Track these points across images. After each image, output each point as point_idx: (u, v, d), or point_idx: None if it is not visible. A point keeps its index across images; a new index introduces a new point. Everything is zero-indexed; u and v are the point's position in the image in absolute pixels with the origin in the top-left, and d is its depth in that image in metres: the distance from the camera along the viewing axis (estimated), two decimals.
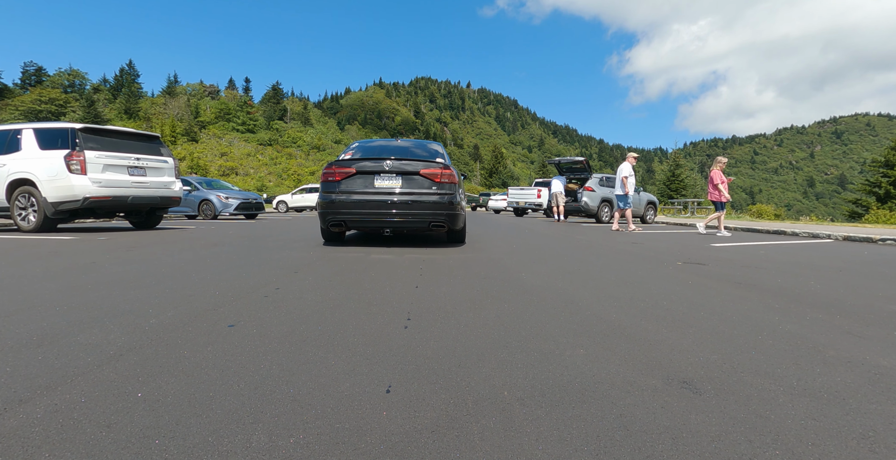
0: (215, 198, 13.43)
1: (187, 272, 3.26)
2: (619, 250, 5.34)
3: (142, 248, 4.92)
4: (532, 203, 20.33)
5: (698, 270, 3.71)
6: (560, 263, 4.04)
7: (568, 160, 14.84)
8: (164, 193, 8.25)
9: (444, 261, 4.11)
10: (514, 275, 3.35)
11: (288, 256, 4.29)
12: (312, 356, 1.51)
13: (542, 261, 4.14)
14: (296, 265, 3.70)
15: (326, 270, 3.44)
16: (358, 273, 3.34)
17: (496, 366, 1.45)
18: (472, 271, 3.49)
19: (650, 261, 4.36)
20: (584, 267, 3.84)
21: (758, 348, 1.67)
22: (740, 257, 4.81)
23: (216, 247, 5.16)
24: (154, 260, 3.94)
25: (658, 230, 10.51)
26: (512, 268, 3.64)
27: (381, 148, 6.00)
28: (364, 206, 5.10)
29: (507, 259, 4.28)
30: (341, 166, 5.24)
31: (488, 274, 3.37)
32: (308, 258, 4.17)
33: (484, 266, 3.78)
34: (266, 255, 4.36)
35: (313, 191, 25.53)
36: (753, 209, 21.04)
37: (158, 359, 1.45)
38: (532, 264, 3.94)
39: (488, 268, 3.63)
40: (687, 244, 6.48)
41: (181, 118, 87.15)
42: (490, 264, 3.89)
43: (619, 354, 1.58)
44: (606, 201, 14.20)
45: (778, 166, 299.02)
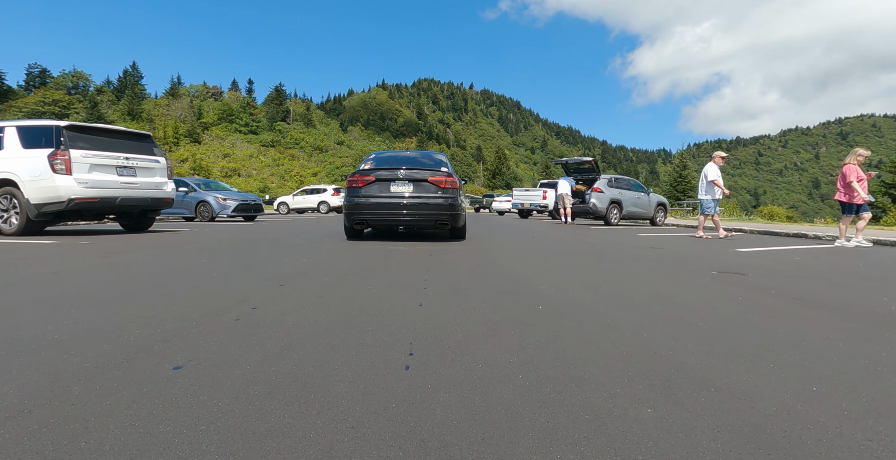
0: (212, 200, 13.05)
1: (157, 285, 2.85)
2: (640, 256, 4.89)
3: (120, 254, 4.51)
4: (537, 204, 19.87)
5: (741, 282, 3.27)
6: (581, 273, 3.61)
7: (575, 160, 14.39)
8: (156, 194, 7.86)
9: (451, 273, 3.68)
10: (532, 287, 2.92)
11: (278, 264, 3.87)
12: (275, 423, 1.08)
13: (558, 269, 3.70)
14: (284, 275, 3.28)
15: (317, 283, 3.02)
16: (349, 288, 2.92)
17: (535, 441, 1.01)
18: (486, 284, 3.06)
19: (679, 269, 3.91)
20: (608, 277, 3.40)
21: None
22: (777, 265, 4.35)
23: (202, 252, 4.75)
24: (127, 269, 3.53)
25: (679, 233, 10.03)
26: (528, 279, 3.21)
27: (395, 158, 6.94)
28: (382, 208, 6.12)
29: (521, 267, 3.85)
30: (363, 175, 6.29)
31: (503, 286, 2.94)
32: (300, 267, 3.74)
33: (497, 276, 3.35)
34: (253, 262, 3.95)
35: (315, 193, 25.14)
36: (764, 210, 20.48)
37: (48, 432, 1.02)
38: (548, 273, 3.51)
39: (502, 280, 3.20)
40: (708, 248, 6.02)
41: (184, 119, 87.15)
42: (504, 275, 3.46)
43: (703, 416, 1.14)
44: (615, 203, 13.74)
45: (783, 167, 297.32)
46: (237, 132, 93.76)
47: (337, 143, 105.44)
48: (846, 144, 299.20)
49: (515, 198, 20.60)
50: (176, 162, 74.43)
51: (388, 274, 3.40)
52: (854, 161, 7.49)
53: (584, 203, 13.88)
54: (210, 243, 5.88)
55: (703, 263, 4.37)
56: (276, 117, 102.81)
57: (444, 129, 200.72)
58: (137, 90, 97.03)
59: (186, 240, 6.31)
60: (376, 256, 4.50)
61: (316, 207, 24.81)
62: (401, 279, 3.17)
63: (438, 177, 6.27)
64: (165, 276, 3.17)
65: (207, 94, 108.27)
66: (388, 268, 3.67)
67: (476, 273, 3.50)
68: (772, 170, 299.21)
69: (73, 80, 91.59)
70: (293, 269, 3.56)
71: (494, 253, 5.02)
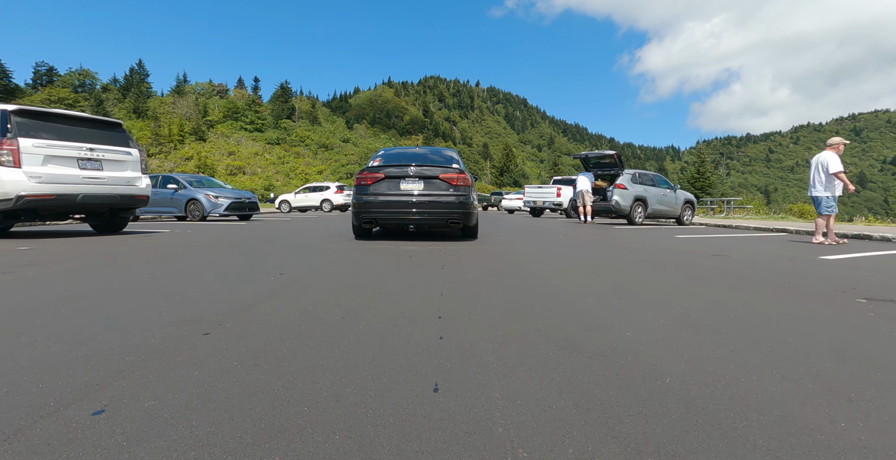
0: (203, 198, 12.09)
1: (70, 316, 1.83)
2: (714, 269, 3.80)
3: (60, 264, 3.52)
4: (551, 202, 18.72)
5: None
6: (642, 293, 2.55)
7: (596, 154, 13.25)
8: (127, 191, 6.88)
9: (470, 292, 2.63)
10: (608, 333, 1.86)
11: (242, 286, 2.84)
12: None
13: (624, 294, 2.64)
14: (246, 302, 2.25)
15: (283, 312, 1.99)
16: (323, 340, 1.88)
17: None
18: (532, 326, 2.00)
19: (795, 292, 2.83)
20: (710, 310, 2.33)
21: None
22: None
23: (152, 264, 3.73)
24: (51, 286, 2.53)
25: (723, 234, 8.87)
26: (592, 315, 2.16)
27: (404, 155, 6.73)
28: (391, 206, 5.85)
29: (569, 287, 2.79)
30: (372, 172, 6.02)
31: (566, 335, 1.89)
32: (268, 288, 2.71)
33: (543, 306, 2.30)
34: (213, 281, 2.92)
35: (317, 190, 24.20)
36: (794, 208, 19.11)
37: None
38: (613, 300, 2.45)
39: (555, 315, 2.14)
40: (794, 257, 4.89)
41: (189, 117, 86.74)
42: (553, 303, 2.41)
43: None
44: (640, 200, 12.60)
45: (794, 164, 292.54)
46: (242, 130, 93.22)
47: (342, 141, 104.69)
48: (860, 141, 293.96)
49: (528, 196, 19.47)
50: (181, 160, 74.04)
51: (398, 302, 2.36)
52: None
53: (605, 200, 12.75)
54: (175, 250, 4.88)
55: (818, 282, 3.27)
56: (282, 115, 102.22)
57: (450, 127, 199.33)
58: (143, 88, 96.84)
59: (152, 245, 5.31)
60: (385, 267, 3.46)
61: (319, 205, 23.88)
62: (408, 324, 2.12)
63: (450, 174, 5.98)
64: (86, 302, 2.16)
65: (213, 91, 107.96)
66: (400, 291, 2.63)
67: (514, 302, 2.45)
68: (783, 167, 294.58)
69: (80, 79, 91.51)
70: (259, 293, 2.53)
71: (524, 262, 3.96)
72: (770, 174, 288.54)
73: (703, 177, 28.91)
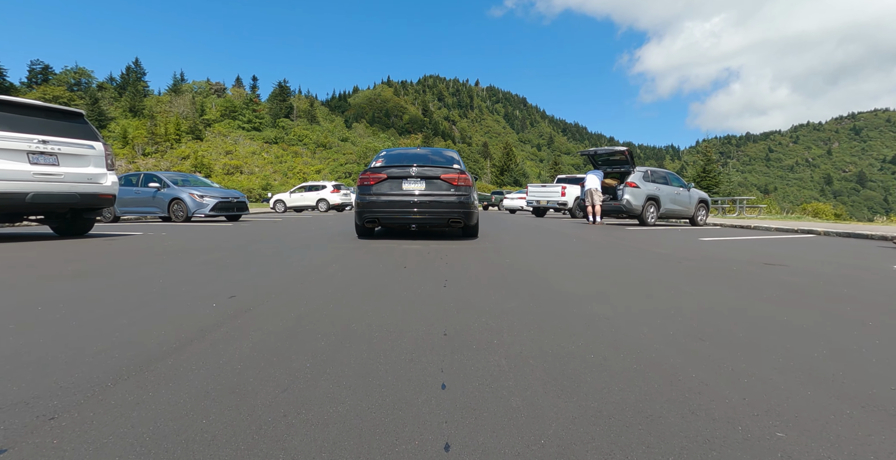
0: (187, 197, 11.32)
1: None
2: (774, 281, 3.04)
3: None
4: (556, 202, 17.95)
5: None
6: (731, 330, 1.79)
7: (606, 151, 12.47)
8: (88, 189, 6.12)
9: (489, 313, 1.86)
10: (693, 400, 1.10)
11: (161, 321, 2.08)
12: None
13: (671, 318, 1.88)
14: (149, 354, 1.49)
15: (199, 374, 1.22)
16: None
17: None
18: (583, 394, 1.24)
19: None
20: (817, 349, 1.57)
21: None
22: None
23: (89, 279, 2.97)
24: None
25: (747, 236, 8.08)
26: (655, 362, 1.40)
27: (406, 155, 6.72)
28: (394, 206, 5.90)
29: (600, 306, 2.03)
30: (375, 172, 6.06)
31: (631, 403, 1.12)
32: (198, 325, 1.95)
33: (601, 362, 1.54)
34: (121, 313, 2.16)
35: (313, 190, 23.41)
36: (809, 208, 18.32)
37: None
38: (657, 323, 1.69)
39: (610, 370, 1.39)
40: (844, 262, 4.13)
41: (186, 116, 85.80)
42: (600, 343, 1.65)
43: None
44: (652, 199, 11.84)
45: (794, 163, 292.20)
46: (240, 129, 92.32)
47: (341, 140, 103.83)
48: (859, 140, 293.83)
49: (531, 195, 18.68)
50: (177, 159, 73.10)
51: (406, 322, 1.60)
52: None
53: (615, 200, 12.00)
54: (123, 259, 4.11)
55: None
56: (280, 114, 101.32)
57: (449, 126, 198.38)
58: (140, 87, 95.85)
59: (101, 253, 4.54)
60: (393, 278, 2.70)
61: (315, 205, 23.10)
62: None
63: (451, 174, 6.05)
64: None
65: (210, 90, 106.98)
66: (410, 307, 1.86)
67: (551, 351, 1.68)
68: (782, 166, 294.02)
69: (76, 77, 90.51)
70: (170, 338, 1.76)
71: (544, 274, 3.20)
72: (770, 173, 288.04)
73: (710, 175, 28.10)
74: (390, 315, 2.07)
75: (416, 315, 2.07)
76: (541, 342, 1.70)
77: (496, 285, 2.84)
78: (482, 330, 1.84)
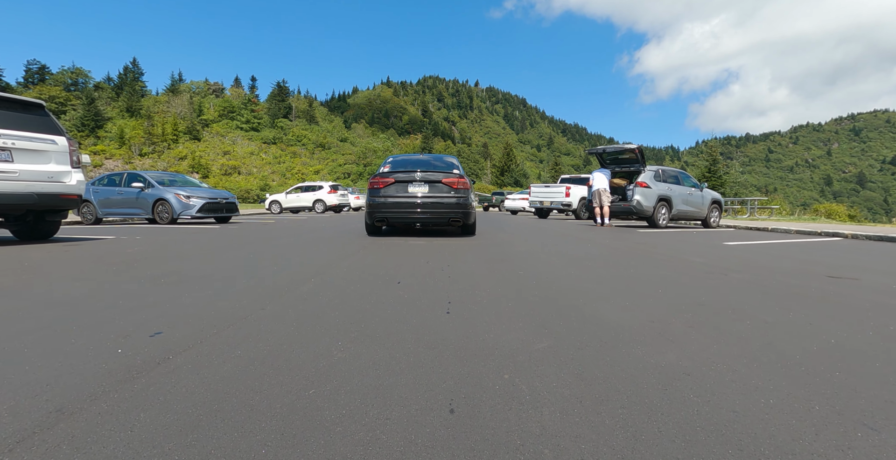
0: (173, 198, 10.68)
1: None
2: (872, 304, 2.41)
3: None
4: (559, 203, 17.31)
5: None
6: (871, 387, 1.16)
7: (615, 149, 11.84)
8: (47, 188, 5.48)
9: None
10: None
11: (63, 366, 1.44)
12: None
13: (758, 362, 1.26)
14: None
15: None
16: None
17: None
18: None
19: None
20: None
21: None
22: None
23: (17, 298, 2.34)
24: None
25: (772, 239, 7.44)
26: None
27: (410, 161, 7.40)
28: (401, 207, 6.55)
29: (677, 357, 1.41)
30: (383, 177, 6.70)
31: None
32: (114, 374, 1.31)
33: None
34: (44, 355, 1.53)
35: (310, 190, 22.73)
36: (821, 209, 17.67)
37: None
38: (783, 394, 1.07)
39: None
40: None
41: (184, 116, 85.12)
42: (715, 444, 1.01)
43: None
44: (664, 200, 11.22)
45: (794, 164, 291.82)
46: (238, 129, 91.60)
47: (340, 140, 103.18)
48: (859, 140, 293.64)
49: (534, 196, 18.04)
50: (174, 159, 72.37)
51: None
52: None
53: (624, 200, 11.38)
54: (54, 271, 3.47)
55: None
56: (279, 114, 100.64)
57: (449, 127, 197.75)
58: (137, 87, 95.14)
59: (45, 261, 3.90)
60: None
61: (311, 206, 22.44)
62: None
63: (451, 178, 6.69)
64: None
65: (209, 90, 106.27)
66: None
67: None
68: (782, 166, 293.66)
69: (73, 77, 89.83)
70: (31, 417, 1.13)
71: (574, 295, 2.57)
72: (770, 174, 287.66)
73: (715, 175, 27.47)
74: (378, 374, 1.43)
75: (411, 375, 1.43)
76: (602, 426, 1.06)
77: (516, 312, 2.20)
78: (507, 398, 1.21)
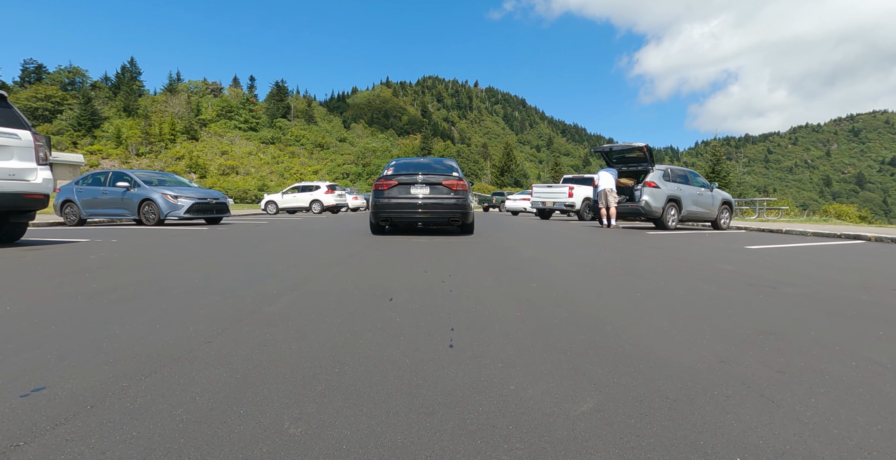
0: (159, 198, 10.18)
1: None
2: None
3: None
4: (562, 203, 16.83)
5: None
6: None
7: (622, 147, 11.36)
8: (10, 188, 4.99)
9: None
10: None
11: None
12: None
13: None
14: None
15: None
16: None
17: None
18: None
19: None
20: None
21: None
22: None
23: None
24: None
25: (787, 243, 6.96)
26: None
27: (413, 164, 7.80)
28: (403, 207, 7.06)
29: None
30: (388, 179, 7.23)
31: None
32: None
33: None
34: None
35: (307, 190, 22.21)
36: (831, 209, 17.22)
37: None
38: None
39: None
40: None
41: (181, 116, 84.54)
42: None
43: None
44: (673, 201, 10.74)
45: (793, 165, 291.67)
46: (236, 129, 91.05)
47: (339, 140, 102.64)
48: (858, 141, 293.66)
49: (536, 196, 17.55)
50: (171, 159, 71.76)
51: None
52: None
53: (632, 201, 10.91)
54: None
55: None
56: (277, 114, 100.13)
57: (448, 127, 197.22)
58: (135, 86, 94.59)
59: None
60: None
61: (308, 207, 21.92)
62: None
63: (451, 181, 7.09)
64: None
65: (207, 90, 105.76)
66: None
67: None
68: (781, 167, 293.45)
69: (70, 76, 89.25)
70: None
71: (604, 317, 2.09)
72: (769, 175, 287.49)
73: (719, 176, 27.01)
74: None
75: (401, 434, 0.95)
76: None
77: (538, 345, 1.72)
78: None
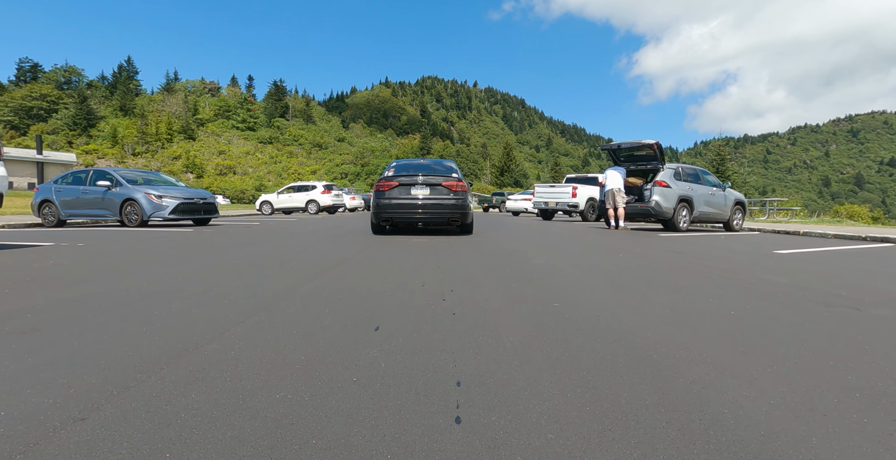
0: (143, 198, 9.63)
1: None
2: None
3: None
4: (565, 204, 16.30)
5: None
6: None
7: (630, 145, 10.81)
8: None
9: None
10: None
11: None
12: None
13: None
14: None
15: None
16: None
17: None
18: None
19: None
20: None
21: None
22: None
23: None
24: None
25: (814, 247, 6.41)
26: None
27: (413, 166, 7.96)
28: (404, 208, 7.15)
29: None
30: (388, 180, 7.31)
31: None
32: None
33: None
34: None
35: (302, 190, 21.63)
36: (842, 210, 16.72)
37: None
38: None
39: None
40: None
41: (178, 115, 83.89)
42: None
43: None
44: (684, 201, 10.21)
45: (792, 165, 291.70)
46: (234, 128, 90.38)
47: (338, 140, 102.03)
48: (857, 142, 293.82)
49: (538, 196, 17.02)
50: (168, 159, 71.15)
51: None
52: None
53: (641, 201, 10.39)
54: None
55: None
56: (275, 113, 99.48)
57: (447, 127, 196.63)
58: (132, 85, 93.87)
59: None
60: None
61: (304, 207, 21.35)
62: None
63: (450, 182, 7.18)
64: None
65: (204, 89, 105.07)
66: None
67: None
68: (780, 168, 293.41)
69: (66, 75, 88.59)
70: None
71: (637, 339, 1.56)
72: (768, 175, 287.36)
73: (724, 176, 26.53)
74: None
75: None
76: None
77: (583, 412, 1.18)
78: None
